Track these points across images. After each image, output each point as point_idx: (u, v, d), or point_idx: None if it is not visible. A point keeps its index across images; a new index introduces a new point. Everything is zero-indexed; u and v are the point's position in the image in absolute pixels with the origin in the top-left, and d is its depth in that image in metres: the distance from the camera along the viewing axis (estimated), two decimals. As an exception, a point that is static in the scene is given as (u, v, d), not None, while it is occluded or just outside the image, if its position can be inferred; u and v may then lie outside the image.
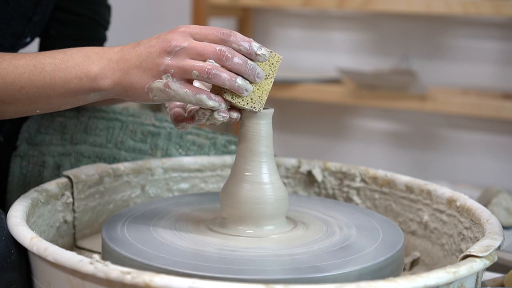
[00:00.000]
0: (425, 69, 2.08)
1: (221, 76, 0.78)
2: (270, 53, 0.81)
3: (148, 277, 0.63)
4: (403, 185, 1.00)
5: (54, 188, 0.93)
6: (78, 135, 1.10)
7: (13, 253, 0.76)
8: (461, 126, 2.09)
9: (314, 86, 2.00)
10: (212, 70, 0.77)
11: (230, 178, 0.87)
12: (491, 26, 2.02)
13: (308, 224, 0.89)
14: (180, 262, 0.75)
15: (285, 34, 2.30)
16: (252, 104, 0.82)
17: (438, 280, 0.66)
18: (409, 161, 2.16)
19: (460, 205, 0.90)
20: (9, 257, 0.76)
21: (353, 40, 2.21)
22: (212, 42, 0.79)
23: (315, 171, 1.07)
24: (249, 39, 0.80)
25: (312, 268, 0.74)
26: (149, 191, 1.05)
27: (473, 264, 0.70)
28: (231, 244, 0.81)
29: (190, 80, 0.79)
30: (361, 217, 0.93)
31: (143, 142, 1.10)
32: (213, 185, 1.09)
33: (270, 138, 0.86)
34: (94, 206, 0.99)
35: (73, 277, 0.68)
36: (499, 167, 2.05)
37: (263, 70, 0.82)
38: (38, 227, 0.87)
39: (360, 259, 0.78)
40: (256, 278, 0.71)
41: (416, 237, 0.98)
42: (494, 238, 0.76)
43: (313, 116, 2.29)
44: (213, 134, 1.12)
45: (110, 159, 1.09)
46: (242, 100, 0.81)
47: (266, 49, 0.80)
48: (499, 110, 1.78)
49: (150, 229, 0.86)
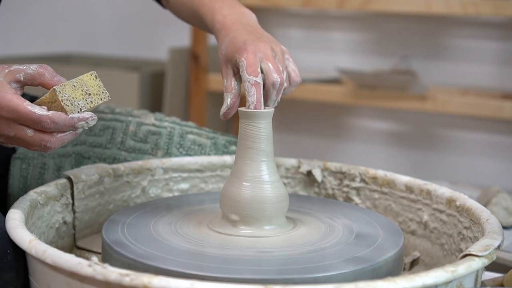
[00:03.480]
0: (425, 69, 2.08)
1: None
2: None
3: (146, 279, 0.63)
4: (403, 185, 1.00)
5: (53, 189, 0.93)
6: (78, 136, 1.10)
7: (9, 253, 0.76)
8: (461, 126, 2.09)
9: (314, 86, 2.00)
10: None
11: (230, 178, 0.87)
12: (491, 26, 2.02)
13: (308, 224, 0.89)
14: (180, 262, 0.75)
15: (285, 34, 2.31)
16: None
17: (437, 279, 0.66)
18: (409, 161, 2.17)
19: (459, 205, 0.91)
20: (5, 257, 0.76)
21: (353, 40, 2.21)
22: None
23: (315, 171, 1.07)
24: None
25: (311, 268, 0.74)
26: (149, 191, 1.05)
27: (471, 263, 0.70)
28: (231, 244, 0.82)
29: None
30: (361, 217, 0.93)
31: (143, 142, 1.10)
32: (213, 185, 1.09)
33: (270, 138, 0.87)
34: (94, 206, 0.99)
35: (72, 279, 0.68)
36: (499, 167, 2.05)
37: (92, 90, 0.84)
38: (37, 229, 0.87)
39: (359, 259, 0.78)
40: (255, 278, 0.72)
41: (416, 237, 0.98)
42: (493, 238, 0.76)
43: (313, 116, 2.29)
44: (214, 134, 1.12)
45: (110, 160, 1.09)
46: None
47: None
48: (499, 110, 1.78)
49: (150, 229, 0.86)
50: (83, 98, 0.83)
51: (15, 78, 0.82)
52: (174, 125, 1.11)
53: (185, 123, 1.13)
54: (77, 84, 0.83)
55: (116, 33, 2.54)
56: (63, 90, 0.82)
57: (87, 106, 0.83)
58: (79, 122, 0.81)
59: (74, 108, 0.82)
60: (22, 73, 0.82)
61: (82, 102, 0.83)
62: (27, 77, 0.82)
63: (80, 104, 0.82)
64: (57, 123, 0.80)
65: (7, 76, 0.82)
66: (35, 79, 0.83)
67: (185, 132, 1.11)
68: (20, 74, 0.82)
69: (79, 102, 0.82)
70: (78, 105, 0.82)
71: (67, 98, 0.82)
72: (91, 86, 0.84)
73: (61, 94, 0.81)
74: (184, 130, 1.11)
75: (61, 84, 0.82)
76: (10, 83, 0.82)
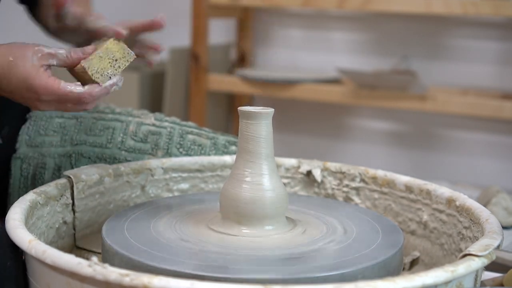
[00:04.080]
0: (425, 69, 2.09)
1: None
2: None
3: (146, 279, 0.63)
4: (402, 185, 1.00)
5: (53, 189, 0.93)
6: (78, 136, 1.10)
7: (9, 266, 0.76)
8: (460, 126, 2.09)
9: (314, 86, 2.01)
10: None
11: (230, 178, 0.87)
12: (491, 26, 2.02)
13: (308, 224, 0.89)
14: (180, 262, 0.75)
15: (285, 34, 2.31)
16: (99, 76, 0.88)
17: (436, 279, 0.66)
18: (409, 161, 2.17)
19: (459, 205, 0.91)
20: (4, 270, 0.76)
21: (353, 40, 2.21)
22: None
23: (314, 171, 1.07)
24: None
25: (311, 268, 0.75)
26: (149, 191, 1.05)
27: (471, 263, 0.70)
28: (231, 244, 0.82)
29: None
30: (361, 217, 0.93)
31: (144, 142, 1.10)
32: (213, 185, 1.09)
33: (270, 138, 0.87)
34: (94, 206, 1.00)
35: (72, 279, 0.68)
36: (499, 167, 2.05)
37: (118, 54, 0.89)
38: (37, 229, 0.87)
39: (359, 259, 0.78)
40: (255, 278, 0.72)
41: (415, 236, 0.98)
42: (493, 238, 0.76)
43: (313, 116, 2.29)
44: (214, 134, 1.12)
45: (110, 160, 1.09)
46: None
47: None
48: (499, 110, 1.78)
49: (150, 229, 0.86)
50: (110, 65, 0.88)
51: (49, 63, 0.88)
52: (174, 125, 1.12)
53: (185, 123, 1.13)
54: (103, 54, 0.88)
55: (116, 33, 2.54)
56: (91, 64, 0.87)
57: (115, 72, 0.89)
58: (112, 88, 0.89)
59: (104, 78, 0.88)
60: (55, 59, 0.88)
61: (110, 70, 0.88)
62: (60, 62, 0.89)
63: (110, 73, 0.88)
64: (94, 96, 0.87)
65: (41, 60, 0.87)
66: (66, 63, 0.89)
67: (185, 132, 1.11)
68: (53, 59, 0.88)
69: (108, 71, 0.88)
70: (107, 74, 0.88)
71: (96, 70, 0.87)
72: (116, 51, 0.89)
73: (90, 68, 0.87)
74: (184, 130, 1.11)
75: (88, 59, 0.87)
76: (43, 66, 0.87)
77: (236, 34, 2.35)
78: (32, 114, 1.11)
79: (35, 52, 0.87)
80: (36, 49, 0.87)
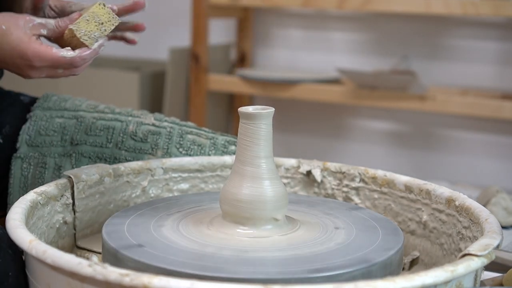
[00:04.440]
0: (425, 69, 2.09)
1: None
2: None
3: (146, 279, 0.63)
4: (402, 185, 1.00)
5: (53, 189, 0.93)
6: (78, 135, 1.10)
7: (10, 276, 0.76)
8: (460, 126, 2.09)
9: (314, 86, 2.01)
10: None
11: (230, 178, 0.87)
12: (490, 27, 2.02)
13: (308, 224, 0.89)
14: (180, 262, 0.75)
15: (285, 34, 2.31)
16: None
17: (436, 279, 0.66)
18: (409, 161, 2.17)
19: (459, 205, 0.91)
20: (6, 280, 0.76)
21: (353, 40, 2.21)
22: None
23: (314, 171, 1.08)
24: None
25: (311, 268, 0.75)
26: (149, 191, 1.05)
27: (470, 263, 0.70)
28: (231, 244, 0.82)
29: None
30: (360, 217, 0.93)
31: (143, 142, 1.10)
32: (213, 185, 1.09)
33: (270, 139, 0.87)
34: (95, 206, 1.00)
35: (72, 279, 0.68)
36: (498, 167, 2.05)
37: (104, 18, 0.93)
38: (38, 229, 0.88)
39: (359, 259, 0.78)
40: (255, 278, 0.72)
41: (415, 236, 0.99)
42: (492, 237, 0.77)
43: (313, 116, 2.29)
44: (213, 134, 1.13)
45: (110, 159, 1.09)
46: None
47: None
48: (498, 110, 1.78)
49: (150, 229, 0.86)
50: (97, 28, 0.92)
51: (40, 33, 0.91)
52: (173, 125, 1.12)
53: (184, 123, 1.13)
54: (89, 17, 0.92)
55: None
56: (79, 27, 0.91)
57: (101, 34, 0.92)
58: (100, 49, 0.92)
59: (92, 40, 0.91)
60: (45, 29, 0.92)
61: (97, 33, 0.92)
62: (49, 32, 0.92)
63: (96, 35, 0.92)
64: (85, 59, 0.91)
65: (32, 30, 0.90)
66: (55, 32, 0.92)
67: (185, 132, 1.12)
68: (44, 29, 0.92)
69: (95, 34, 0.92)
70: (95, 37, 0.92)
71: (84, 33, 0.91)
72: (101, 15, 0.92)
73: (78, 31, 0.91)
74: (184, 130, 1.12)
75: (75, 23, 0.91)
76: (35, 35, 0.90)
77: (236, 34, 2.35)
78: (32, 114, 1.11)
79: (27, 21, 0.90)
80: (28, 19, 0.91)
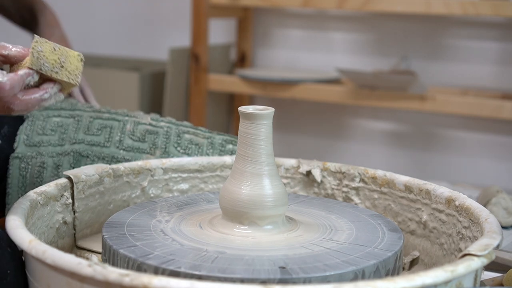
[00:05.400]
0: (425, 69, 2.09)
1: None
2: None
3: (146, 279, 0.63)
4: (402, 185, 1.00)
5: (53, 189, 0.93)
6: (76, 134, 1.10)
7: (9, 274, 0.76)
8: (460, 126, 2.09)
9: (314, 86, 2.01)
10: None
11: (230, 178, 0.87)
12: (490, 27, 2.02)
13: (307, 224, 0.89)
14: (180, 262, 0.75)
15: (285, 34, 2.31)
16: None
17: (436, 279, 0.66)
18: (409, 161, 2.17)
19: (459, 205, 0.91)
20: (5, 278, 0.76)
21: (353, 40, 2.21)
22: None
23: (314, 171, 1.08)
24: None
25: (311, 268, 0.75)
26: (149, 191, 1.05)
27: (471, 263, 0.70)
28: (230, 243, 0.82)
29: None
30: (360, 217, 0.93)
31: (141, 141, 1.10)
32: (212, 185, 1.09)
33: (270, 139, 0.87)
34: (94, 206, 1.00)
35: (72, 279, 0.68)
36: (498, 167, 2.05)
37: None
38: (37, 229, 0.88)
39: (358, 258, 0.78)
40: (255, 278, 0.72)
41: (415, 236, 0.99)
42: (492, 237, 0.77)
43: (313, 116, 2.29)
44: (210, 133, 1.13)
45: (109, 158, 1.09)
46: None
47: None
48: (498, 110, 1.78)
49: (150, 229, 0.86)
50: (53, 64, 0.80)
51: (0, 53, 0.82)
52: (170, 124, 1.12)
53: (180, 123, 1.13)
54: (58, 50, 0.81)
55: (116, 33, 2.55)
56: (42, 44, 0.80)
57: (50, 72, 0.80)
58: (27, 78, 0.80)
59: (37, 63, 0.79)
60: (7, 51, 0.82)
61: (48, 66, 0.80)
62: (11, 58, 0.82)
63: (45, 66, 0.80)
64: (14, 87, 0.78)
65: None
66: (18, 59, 0.82)
67: (182, 132, 1.12)
68: (6, 51, 0.82)
69: (46, 64, 0.80)
70: (43, 64, 0.80)
71: (38, 51, 0.79)
72: (70, 62, 0.82)
73: (37, 44, 0.80)
74: (181, 130, 1.12)
75: (45, 40, 0.80)
76: None
77: (236, 34, 2.35)
78: (29, 114, 1.11)
79: None
80: None
